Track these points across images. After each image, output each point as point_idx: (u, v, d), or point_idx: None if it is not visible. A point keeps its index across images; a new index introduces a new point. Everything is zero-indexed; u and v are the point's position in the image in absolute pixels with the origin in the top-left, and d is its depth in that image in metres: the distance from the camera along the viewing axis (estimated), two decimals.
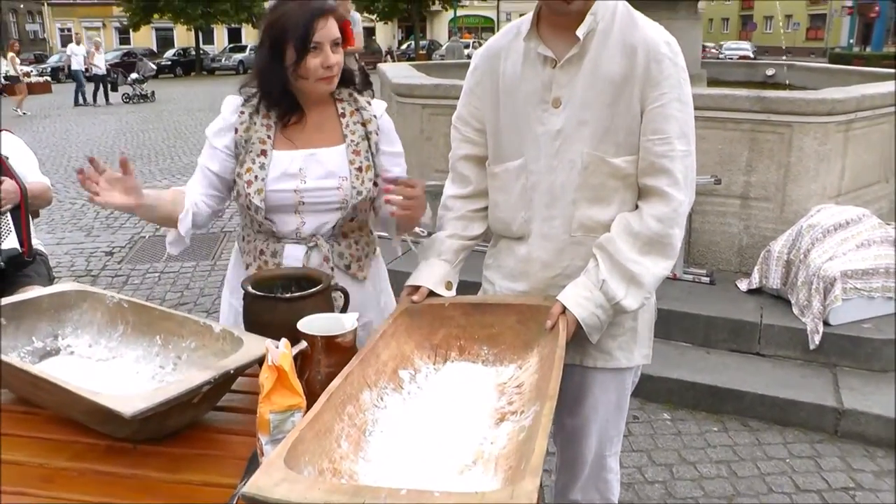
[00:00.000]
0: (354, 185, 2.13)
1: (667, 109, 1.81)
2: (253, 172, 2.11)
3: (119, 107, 22.14)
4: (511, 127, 1.97)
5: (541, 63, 1.89)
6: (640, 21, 1.86)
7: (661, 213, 1.84)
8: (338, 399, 1.42)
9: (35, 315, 1.98)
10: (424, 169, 5.64)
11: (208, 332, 1.74)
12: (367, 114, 2.20)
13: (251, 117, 2.15)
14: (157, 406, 1.36)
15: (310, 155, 2.13)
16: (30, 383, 1.60)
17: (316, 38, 2.01)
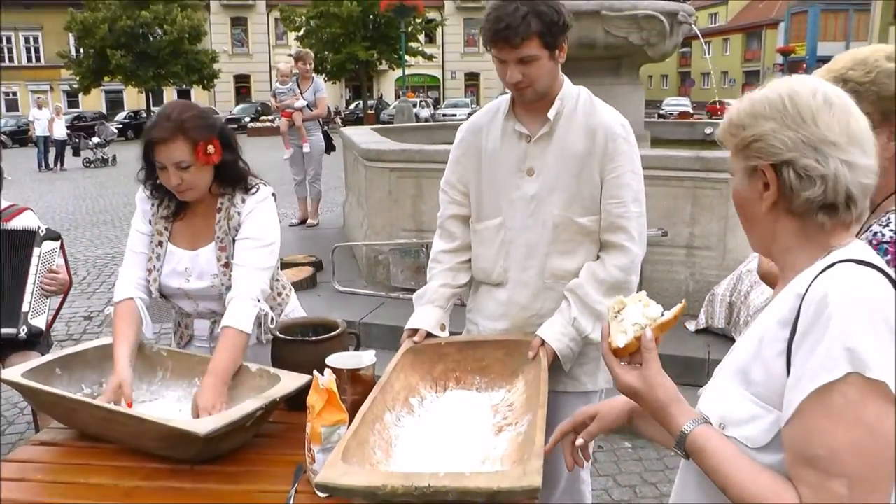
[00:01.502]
0: (223, 282, 2.39)
1: (622, 179, 2.26)
2: (152, 262, 2.44)
3: (75, 171, 22.10)
4: (491, 191, 2.37)
5: (517, 138, 2.32)
6: (599, 106, 2.32)
7: (621, 264, 2.27)
8: (369, 418, 1.76)
9: (82, 365, 2.30)
10: (392, 229, 6.06)
11: (245, 371, 2.08)
12: (234, 211, 2.40)
13: (156, 207, 2.46)
14: (224, 427, 1.69)
15: (194, 256, 2.42)
16: (103, 419, 1.91)
17: (159, 160, 2.28)
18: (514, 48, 2.14)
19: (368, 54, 39.47)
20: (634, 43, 6.40)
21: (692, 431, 1.27)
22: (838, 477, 1.08)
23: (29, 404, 4.04)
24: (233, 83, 52.39)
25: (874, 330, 1.08)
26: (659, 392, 1.34)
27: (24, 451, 2.07)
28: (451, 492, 1.42)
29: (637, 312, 1.40)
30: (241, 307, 2.25)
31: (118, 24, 38.69)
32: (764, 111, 1.23)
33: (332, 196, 11.04)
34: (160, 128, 2.24)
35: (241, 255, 2.35)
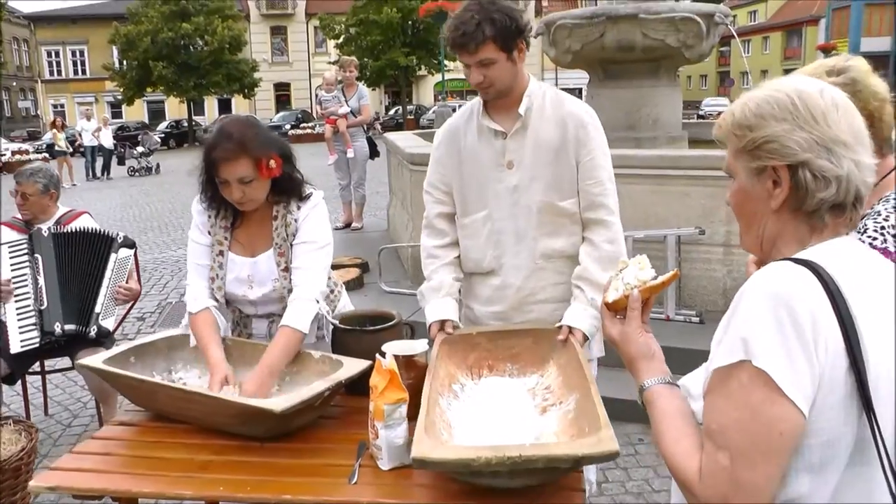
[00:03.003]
0: (284, 285, 2.55)
1: (595, 161, 2.47)
2: (214, 271, 2.60)
3: (120, 180, 22.70)
4: (475, 186, 2.56)
5: (493, 135, 2.51)
6: (565, 99, 2.53)
7: (608, 237, 2.48)
8: (431, 402, 1.91)
9: (153, 354, 2.50)
10: None
11: (308, 358, 2.26)
12: (291, 218, 2.56)
13: (214, 218, 2.62)
14: (297, 405, 1.86)
15: (253, 263, 2.58)
16: (181, 399, 2.09)
17: (222, 176, 2.42)
18: (471, 53, 2.35)
19: (408, 60, 39.73)
20: (672, 45, 6.49)
21: (649, 388, 1.44)
22: (724, 449, 1.21)
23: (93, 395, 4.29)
24: (273, 91, 53.13)
25: (773, 323, 1.17)
26: (631, 347, 1.51)
27: (106, 431, 2.29)
28: (540, 459, 1.59)
29: (632, 274, 1.57)
30: (301, 308, 2.42)
31: (160, 37, 39.47)
32: (773, 111, 1.27)
33: (375, 200, 11.25)
34: (223, 147, 2.39)
35: (299, 258, 2.52)
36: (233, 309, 2.70)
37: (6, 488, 3.10)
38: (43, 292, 3.88)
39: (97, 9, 53.82)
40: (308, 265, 2.51)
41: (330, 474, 1.88)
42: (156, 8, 40.17)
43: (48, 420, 4.75)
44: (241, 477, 1.88)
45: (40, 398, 4.86)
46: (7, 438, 3.27)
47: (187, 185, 10.57)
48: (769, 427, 1.17)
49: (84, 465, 2.05)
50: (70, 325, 3.89)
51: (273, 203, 2.58)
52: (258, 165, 2.40)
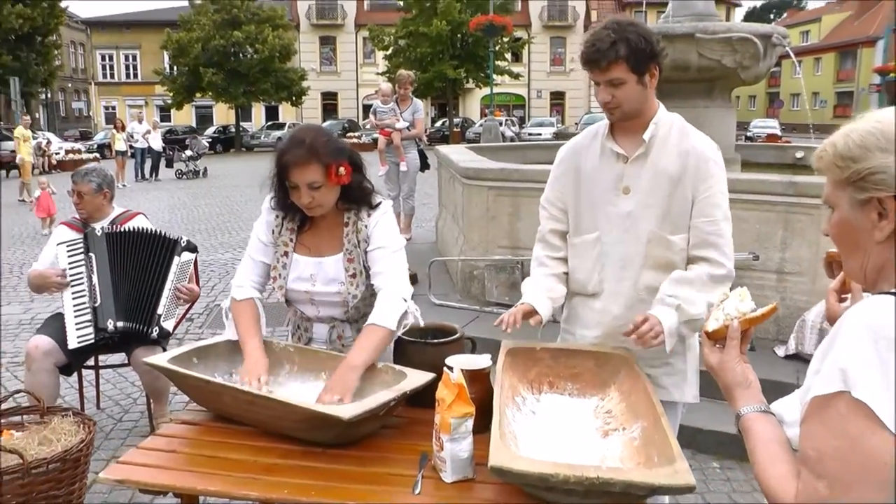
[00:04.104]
0: (350, 290, 2.60)
1: (714, 199, 2.41)
2: (277, 270, 2.65)
3: (168, 182, 23.09)
4: (589, 207, 2.54)
5: (614, 158, 2.48)
6: (690, 131, 2.48)
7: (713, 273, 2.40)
8: (501, 413, 1.93)
9: (215, 356, 2.55)
10: (488, 245, 6.25)
11: (372, 367, 2.29)
12: (362, 224, 2.61)
13: (281, 220, 2.67)
14: (364, 413, 1.88)
15: (318, 263, 2.63)
16: (247, 402, 2.13)
17: (293, 180, 2.46)
18: (602, 71, 2.33)
19: (456, 73, 39.88)
20: (728, 65, 6.44)
21: (746, 415, 1.47)
22: (822, 478, 1.21)
23: (146, 392, 4.37)
24: (320, 100, 53.73)
25: (873, 355, 1.17)
26: (728, 375, 1.55)
27: (170, 428, 2.33)
28: (617, 483, 1.60)
29: (732, 305, 1.63)
30: (390, 305, 2.45)
31: (211, 44, 40.14)
32: (878, 143, 1.27)
33: (422, 212, 11.31)
34: (295, 152, 2.44)
35: (380, 262, 2.56)
36: (294, 311, 2.74)
37: (66, 477, 3.17)
38: (97, 290, 3.99)
39: (150, 15, 55.04)
40: (390, 268, 2.55)
41: (393, 483, 1.90)
42: (208, 16, 40.92)
43: (100, 413, 4.84)
44: (306, 481, 1.90)
45: (93, 392, 4.97)
46: (67, 430, 3.34)
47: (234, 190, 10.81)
48: (869, 457, 1.17)
49: (149, 460, 2.10)
50: (122, 323, 3.99)
51: (343, 210, 2.62)
52: (328, 172, 2.45)
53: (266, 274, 2.70)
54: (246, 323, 2.54)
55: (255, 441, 2.15)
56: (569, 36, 55.72)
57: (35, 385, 3.77)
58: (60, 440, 3.25)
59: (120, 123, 24.52)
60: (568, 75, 56.10)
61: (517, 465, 1.62)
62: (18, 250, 11.48)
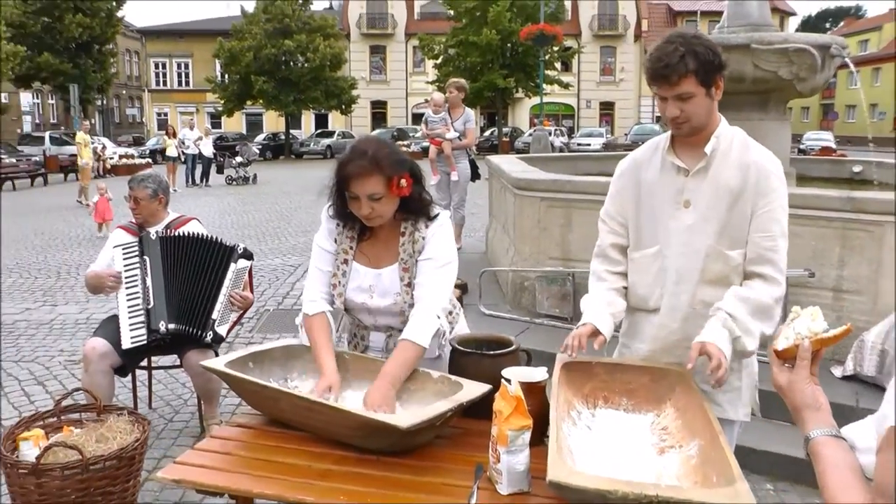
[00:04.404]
0: (406, 300, 2.61)
1: (773, 214, 2.37)
2: (337, 278, 2.67)
3: (218, 188, 23.48)
4: (650, 221, 2.51)
5: (675, 171, 2.46)
6: (752, 145, 2.44)
7: (768, 291, 2.36)
8: (557, 427, 1.92)
9: (270, 361, 2.58)
10: (539, 256, 6.22)
11: (427, 377, 2.30)
12: (419, 235, 2.61)
13: (341, 228, 2.69)
14: (421, 423, 1.89)
15: (377, 275, 2.64)
16: (304, 408, 2.15)
17: (353, 191, 2.48)
18: (671, 86, 2.30)
19: (506, 82, 39.89)
20: (784, 77, 6.30)
21: (815, 438, 1.44)
22: None
23: (197, 394, 4.44)
24: (369, 108, 54.08)
25: None
26: (797, 396, 1.52)
27: (225, 431, 2.37)
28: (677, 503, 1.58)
29: (804, 324, 1.58)
30: (423, 322, 2.47)
31: (263, 53, 40.73)
32: None
33: (471, 221, 11.34)
34: (357, 164, 2.45)
35: (424, 274, 2.57)
36: (351, 318, 2.76)
37: (121, 474, 3.25)
38: (150, 292, 4.08)
39: (203, 25, 56.38)
40: (431, 282, 2.55)
41: (448, 493, 1.90)
42: (260, 25, 41.57)
43: (151, 413, 4.94)
44: (361, 488, 1.92)
45: (145, 392, 5.07)
46: (122, 428, 3.43)
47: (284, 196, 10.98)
48: None
49: (205, 461, 2.14)
50: (174, 325, 4.07)
51: (401, 220, 2.63)
52: (389, 183, 2.46)
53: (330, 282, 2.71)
54: (320, 340, 2.55)
55: (310, 446, 2.17)
56: (619, 45, 55.38)
57: (91, 385, 3.86)
58: (116, 438, 3.34)
59: (171, 130, 25.08)
60: (618, 85, 55.74)
61: (575, 480, 1.62)
62: (75, 252, 11.76)
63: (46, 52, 39.55)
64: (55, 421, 3.52)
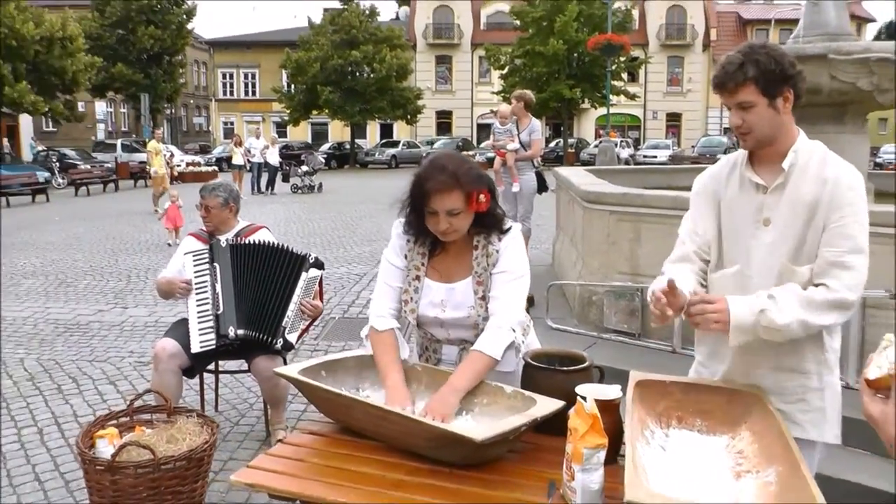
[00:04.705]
0: (480, 313, 2.60)
1: (845, 229, 2.26)
2: (409, 294, 2.66)
3: (284, 196, 23.90)
4: (730, 240, 2.45)
5: (753, 189, 2.39)
6: (831, 159, 2.34)
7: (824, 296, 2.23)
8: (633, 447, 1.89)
9: (343, 371, 2.60)
10: (608, 270, 6.15)
11: (500, 391, 2.29)
12: (492, 248, 2.61)
13: (412, 243, 2.68)
14: (496, 436, 1.87)
15: (449, 289, 2.63)
16: (378, 417, 2.16)
17: (432, 207, 2.48)
18: (730, 94, 2.27)
19: (572, 93, 39.68)
20: (863, 88, 6.06)
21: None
22: None
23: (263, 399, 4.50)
24: (434, 118, 54.39)
25: None
26: (891, 428, 1.47)
27: (297, 437, 2.39)
28: None
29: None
30: (496, 334, 2.46)
31: (329, 63, 41.41)
32: None
33: (536, 233, 11.29)
34: (438, 179, 2.46)
35: (498, 287, 2.56)
36: (423, 332, 2.75)
37: (190, 475, 3.32)
38: (219, 298, 4.15)
39: (270, 36, 57.64)
40: (505, 294, 2.54)
41: None
42: (327, 36, 42.26)
43: (217, 416, 5.02)
44: (434, 500, 1.91)
45: (211, 395, 5.16)
46: (191, 430, 3.50)
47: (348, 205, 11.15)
48: None
49: (278, 467, 2.15)
50: (242, 330, 4.13)
51: (473, 234, 2.63)
52: (469, 199, 2.47)
53: (399, 298, 2.71)
54: (387, 357, 2.55)
55: (383, 456, 2.17)
56: (687, 55, 54.50)
57: (161, 385, 3.95)
58: (186, 439, 3.42)
59: (238, 139, 25.65)
60: (685, 96, 54.87)
61: (654, 501, 1.58)
62: (144, 256, 12.10)
63: (120, 62, 41.12)
64: (128, 420, 3.62)
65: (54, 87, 33.15)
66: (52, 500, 3.96)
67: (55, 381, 5.86)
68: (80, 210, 20.76)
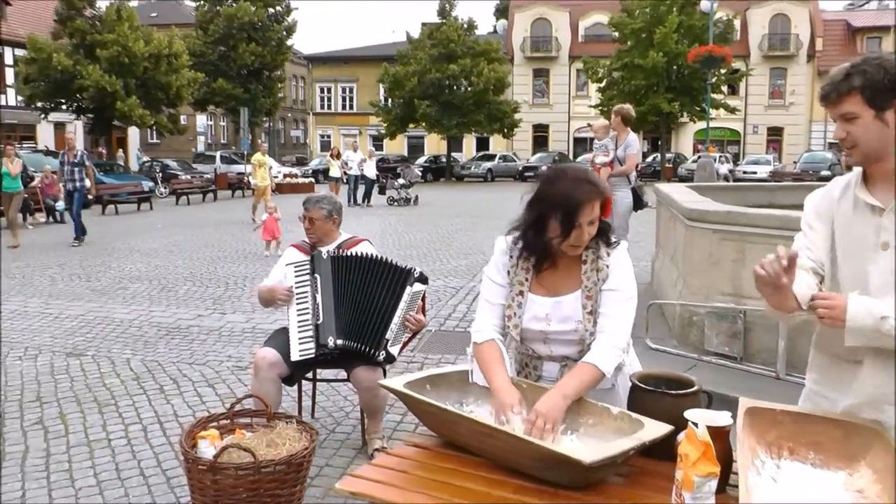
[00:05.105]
0: (587, 328, 2.57)
1: None
2: (512, 309, 2.64)
3: (380, 208, 24.21)
4: (845, 266, 2.32)
5: (869, 211, 2.25)
6: None
7: None
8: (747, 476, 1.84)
9: (447, 386, 2.62)
10: (710, 291, 6.01)
11: (606, 412, 2.26)
12: (602, 263, 2.59)
13: (516, 259, 2.66)
14: (605, 459, 1.85)
15: (556, 303, 2.60)
16: (484, 434, 2.16)
17: (581, 219, 2.46)
18: (833, 105, 2.18)
19: (671, 106, 38.93)
20: None
21: None
22: None
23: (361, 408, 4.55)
24: (531, 132, 54.10)
25: None
26: None
27: (401, 449, 2.42)
28: None
29: None
30: (609, 352, 2.45)
31: (427, 77, 41.93)
32: None
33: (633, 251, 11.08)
34: (587, 189, 2.47)
35: (609, 304, 2.55)
36: (525, 348, 2.74)
37: (290, 479, 3.39)
38: (319, 308, 4.23)
39: (368, 51, 58.59)
40: (618, 313, 2.53)
41: None
42: (425, 50, 42.76)
43: (314, 423, 5.09)
44: None
45: (308, 402, 5.25)
46: (291, 435, 3.57)
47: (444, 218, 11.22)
48: None
49: (381, 477, 2.18)
50: (341, 340, 4.19)
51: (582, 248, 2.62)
52: (605, 207, 2.51)
53: (502, 315, 2.70)
54: (490, 362, 2.56)
55: (488, 473, 2.17)
56: (790, 67, 52.14)
57: (260, 392, 4.04)
58: (285, 444, 3.49)
59: (336, 151, 26.21)
60: (787, 109, 52.64)
61: None
62: (241, 265, 12.47)
63: (221, 78, 43.02)
64: (228, 423, 3.73)
65: (160, 101, 35.30)
66: (156, 494, 4.13)
67: (157, 381, 6.11)
68: (181, 218, 21.56)
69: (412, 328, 4.31)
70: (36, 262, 12.87)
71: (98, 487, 4.22)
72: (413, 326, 4.30)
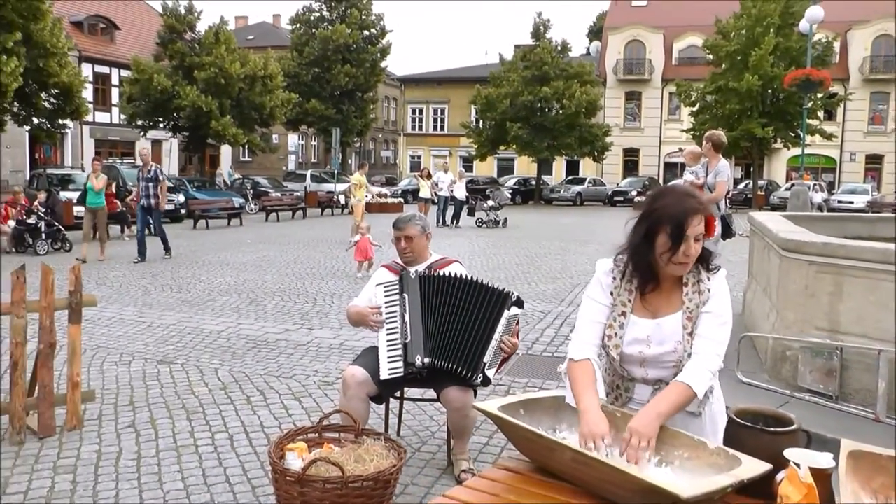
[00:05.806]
0: (686, 349, 2.56)
1: None
2: (613, 329, 2.65)
3: (468, 230, 24.31)
4: None
5: None
6: None
7: None
8: None
9: (541, 410, 2.64)
10: (804, 325, 5.83)
11: (702, 446, 2.25)
12: (704, 286, 2.60)
13: (620, 280, 2.67)
14: (702, 495, 1.83)
15: (656, 324, 2.61)
16: (578, 462, 2.18)
17: (689, 232, 2.47)
18: None
19: (764, 132, 37.85)
20: None
21: None
22: None
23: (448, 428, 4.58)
24: (621, 156, 53.53)
25: None
26: None
27: (494, 472, 2.44)
28: None
29: None
30: (702, 374, 2.46)
31: (519, 99, 41.98)
32: None
33: None
34: (691, 203, 2.51)
35: (705, 326, 2.56)
36: (621, 369, 2.74)
37: (376, 496, 3.42)
38: (408, 327, 4.28)
39: (461, 73, 59.23)
40: (713, 336, 2.55)
41: None
42: (518, 72, 42.83)
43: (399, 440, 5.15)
44: None
45: (394, 420, 5.31)
46: (378, 452, 3.62)
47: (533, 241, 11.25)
48: None
49: (473, 499, 2.21)
50: (429, 360, 4.23)
51: None
52: (708, 224, 2.53)
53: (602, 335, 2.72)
54: (582, 383, 2.57)
55: (580, 500, 2.18)
56: (893, 90, 49.53)
57: (349, 409, 4.10)
58: (373, 461, 3.53)
59: (426, 172, 26.47)
60: (889, 136, 50.08)
61: None
62: (329, 282, 12.73)
63: (314, 98, 44.09)
64: (316, 437, 3.80)
65: (253, 120, 36.82)
66: (241, 502, 4.25)
67: (244, 392, 6.29)
68: (270, 235, 22.13)
69: (507, 352, 4.32)
70: (131, 273, 13.52)
71: (185, 492, 4.38)
72: (508, 350, 4.30)
